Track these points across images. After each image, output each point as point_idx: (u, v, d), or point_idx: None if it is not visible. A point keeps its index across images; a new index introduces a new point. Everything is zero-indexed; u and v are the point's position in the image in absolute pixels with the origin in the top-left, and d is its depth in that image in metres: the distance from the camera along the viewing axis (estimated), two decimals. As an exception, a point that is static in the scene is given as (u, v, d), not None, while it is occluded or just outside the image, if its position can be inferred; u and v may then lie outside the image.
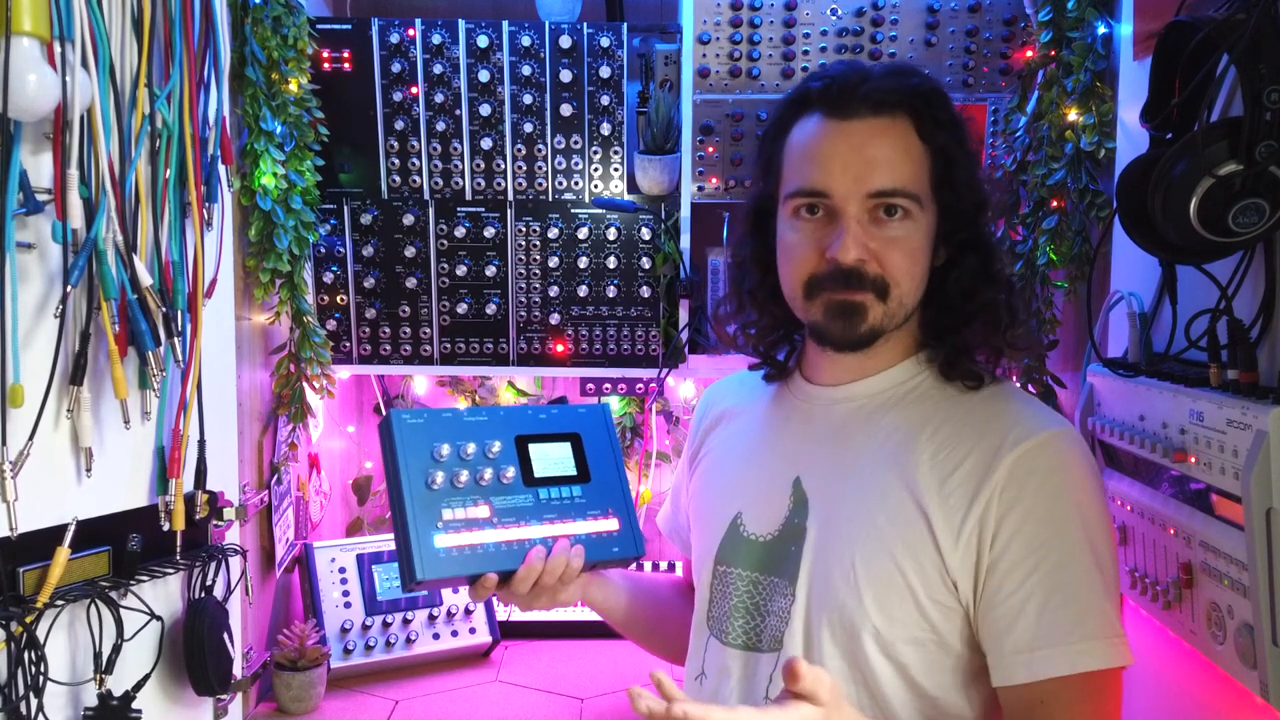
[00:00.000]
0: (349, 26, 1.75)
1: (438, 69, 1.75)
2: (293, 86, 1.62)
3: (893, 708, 0.98)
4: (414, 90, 1.76)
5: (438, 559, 1.00)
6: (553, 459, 1.11)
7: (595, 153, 1.78)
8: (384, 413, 2.16)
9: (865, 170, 0.97)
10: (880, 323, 1.01)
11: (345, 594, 1.84)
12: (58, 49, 1.07)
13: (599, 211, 1.79)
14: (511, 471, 1.07)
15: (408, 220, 1.79)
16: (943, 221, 1.03)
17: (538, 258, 1.81)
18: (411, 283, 1.80)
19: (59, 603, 1.16)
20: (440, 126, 1.77)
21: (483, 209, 1.80)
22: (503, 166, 1.78)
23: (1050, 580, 0.93)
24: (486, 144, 1.77)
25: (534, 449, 1.10)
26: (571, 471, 1.11)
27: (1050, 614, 0.93)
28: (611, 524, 1.09)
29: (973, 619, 0.97)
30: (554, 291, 1.81)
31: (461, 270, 1.80)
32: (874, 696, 0.98)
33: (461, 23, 1.75)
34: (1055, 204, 1.58)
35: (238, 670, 1.50)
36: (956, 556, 0.95)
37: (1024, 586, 0.94)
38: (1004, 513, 0.95)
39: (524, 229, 1.80)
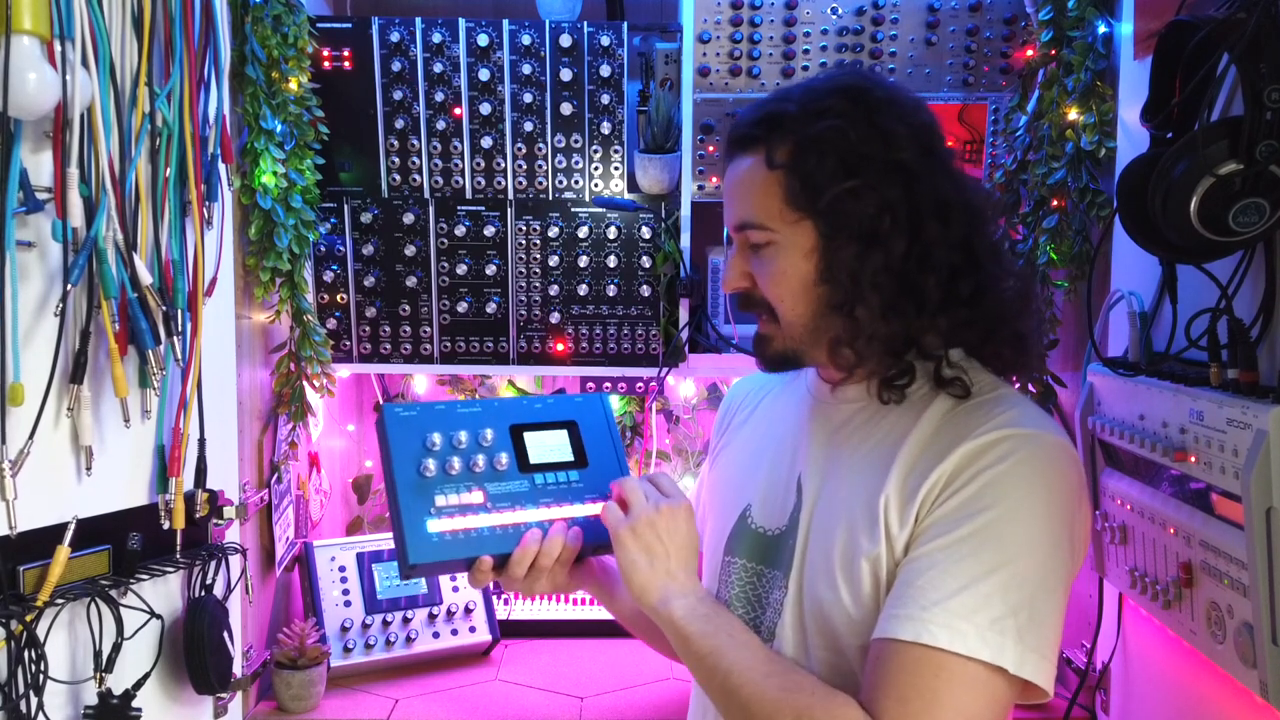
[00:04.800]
0: (349, 25, 1.75)
1: (438, 68, 1.75)
2: (293, 85, 1.62)
3: None
4: (414, 89, 1.76)
5: (430, 543, 1.00)
6: (548, 445, 1.11)
7: (595, 151, 1.78)
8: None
9: (729, 208, 1.06)
10: (786, 344, 1.04)
11: (345, 593, 1.84)
12: (58, 47, 1.07)
13: (599, 210, 1.79)
14: (505, 458, 1.07)
15: (408, 219, 1.79)
16: (835, 234, 0.98)
17: (538, 256, 1.81)
18: (411, 281, 1.80)
19: (59, 601, 1.16)
20: (440, 125, 1.77)
21: (483, 208, 1.80)
22: (503, 165, 1.78)
23: (944, 553, 0.90)
24: (487, 143, 1.77)
25: (529, 436, 1.10)
26: (568, 457, 1.10)
27: (926, 581, 0.89)
28: None
29: None
30: (554, 290, 1.81)
31: (462, 269, 1.80)
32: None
33: (462, 21, 1.75)
34: (1055, 203, 1.58)
35: (237, 669, 1.50)
36: (901, 541, 0.95)
37: (918, 551, 0.92)
38: (940, 491, 0.93)
39: (524, 228, 1.80)
